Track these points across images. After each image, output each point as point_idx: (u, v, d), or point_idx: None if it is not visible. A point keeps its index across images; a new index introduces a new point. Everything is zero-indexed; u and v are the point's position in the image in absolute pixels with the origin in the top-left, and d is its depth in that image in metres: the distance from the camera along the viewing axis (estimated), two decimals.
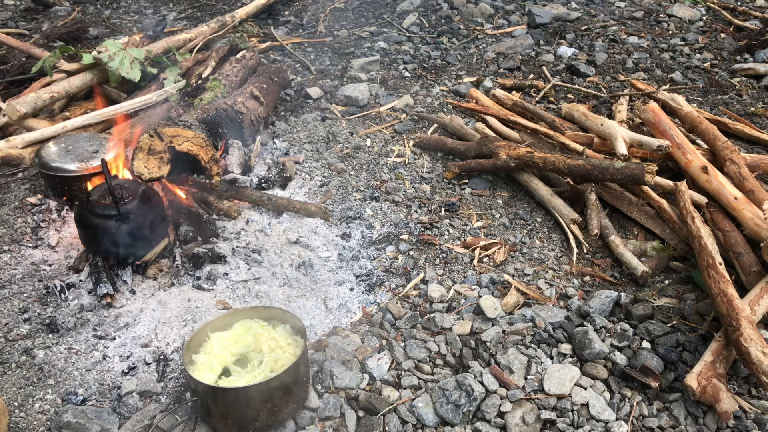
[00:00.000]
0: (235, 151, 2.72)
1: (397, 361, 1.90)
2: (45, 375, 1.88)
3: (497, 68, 4.06)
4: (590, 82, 3.85)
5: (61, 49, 3.44)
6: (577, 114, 3.09)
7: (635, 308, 2.10)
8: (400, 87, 3.82)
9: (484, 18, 4.79)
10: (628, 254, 2.35)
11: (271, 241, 2.44)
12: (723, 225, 2.36)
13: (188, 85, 3.29)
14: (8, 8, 4.98)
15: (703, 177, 2.53)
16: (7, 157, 2.70)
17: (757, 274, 2.14)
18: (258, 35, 4.47)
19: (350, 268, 2.33)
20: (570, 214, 2.57)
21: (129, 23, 4.84)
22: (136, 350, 1.97)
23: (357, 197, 2.73)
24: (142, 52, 3.40)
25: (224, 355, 1.77)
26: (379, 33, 4.58)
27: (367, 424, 1.70)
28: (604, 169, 2.53)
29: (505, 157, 2.75)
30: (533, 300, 2.19)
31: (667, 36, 4.48)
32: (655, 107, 2.88)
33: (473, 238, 2.50)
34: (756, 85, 3.81)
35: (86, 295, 2.17)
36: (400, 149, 3.11)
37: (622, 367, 1.86)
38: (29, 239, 2.44)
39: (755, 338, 1.74)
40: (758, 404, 1.78)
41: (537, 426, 1.68)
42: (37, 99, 3.01)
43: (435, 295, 2.18)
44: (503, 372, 1.82)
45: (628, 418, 1.72)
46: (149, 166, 2.30)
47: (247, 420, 1.63)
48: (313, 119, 3.34)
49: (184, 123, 2.43)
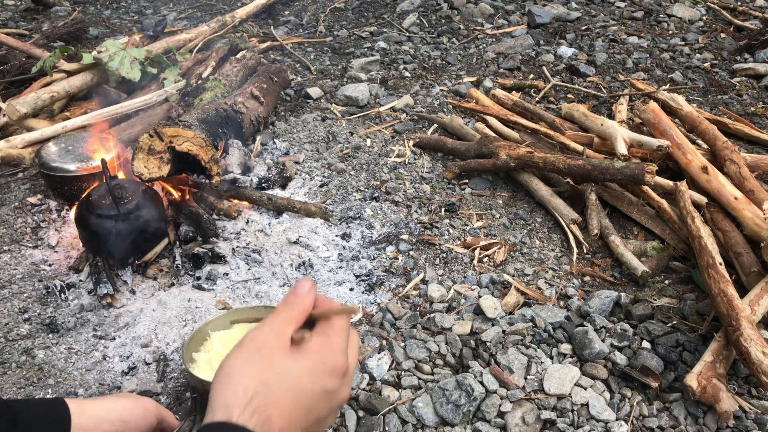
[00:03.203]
0: (235, 151, 2.72)
1: (397, 361, 1.90)
2: (45, 375, 1.88)
3: (497, 68, 4.07)
4: (590, 82, 3.85)
5: (61, 49, 3.44)
6: (577, 114, 3.09)
7: (635, 308, 2.10)
8: (400, 87, 3.82)
9: (484, 18, 4.79)
10: (628, 254, 2.35)
11: (271, 241, 2.44)
12: (723, 225, 2.36)
13: (188, 85, 3.29)
14: (8, 8, 4.98)
15: (703, 177, 2.53)
16: (7, 157, 2.70)
17: (757, 274, 2.14)
18: (258, 35, 4.47)
19: (350, 268, 2.33)
20: (570, 214, 2.57)
21: (129, 23, 4.84)
22: (136, 350, 1.97)
23: (357, 197, 2.73)
24: (142, 52, 3.40)
25: (225, 354, 1.75)
26: (379, 33, 4.58)
27: (367, 424, 1.70)
28: (604, 169, 2.53)
29: (505, 157, 2.75)
30: (533, 300, 2.19)
31: (667, 36, 4.48)
32: (655, 107, 2.88)
33: (473, 238, 2.50)
34: (756, 85, 3.82)
35: (86, 295, 2.17)
36: (400, 149, 3.11)
37: (622, 367, 1.86)
38: (29, 239, 2.44)
39: (755, 338, 1.74)
40: (758, 404, 1.78)
41: (537, 426, 1.68)
42: (37, 99, 3.02)
43: (435, 295, 2.18)
44: (503, 372, 1.82)
45: (628, 418, 1.72)
46: (149, 166, 2.31)
47: None
48: (313, 119, 3.34)
49: (184, 123, 2.43)
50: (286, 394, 0.90)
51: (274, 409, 0.88)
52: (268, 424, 0.87)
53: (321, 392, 0.93)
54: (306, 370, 0.91)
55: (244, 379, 0.90)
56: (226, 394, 0.89)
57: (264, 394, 0.89)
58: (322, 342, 0.92)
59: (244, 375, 0.91)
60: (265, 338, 0.94)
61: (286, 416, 0.89)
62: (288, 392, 0.90)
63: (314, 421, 0.94)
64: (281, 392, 0.90)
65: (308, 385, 0.92)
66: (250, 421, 0.85)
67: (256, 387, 0.89)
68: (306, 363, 0.92)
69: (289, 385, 0.90)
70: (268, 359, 0.91)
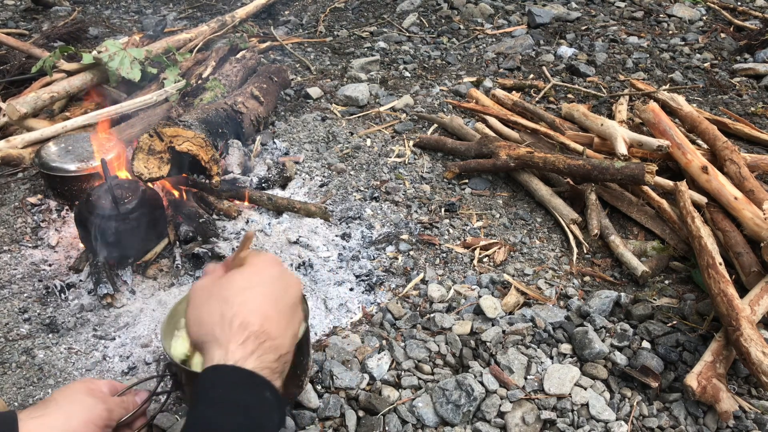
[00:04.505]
0: (235, 151, 2.72)
1: (397, 361, 1.90)
2: (45, 375, 1.88)
3: (497, 68, 4.07)
4: (590, 82, 3.85)
5: (61, 49, 3.44)
6: (577, 114, 3.09)
7: (635, 308, 2.10)
8: (400, 87, 3.82)
9: (484, 18, 4.79)
10: (628, 254, 2.35)
11: (271, 241, 2.44)
12: (723, 225, 2.36)
13: (188, 85, 3.29)
14: (8, 8, 4.98)
15: (703, 177, 2.53)
16: (7, 157, 2.70)
17: (757, 274, 2.14)
18: (258, 35, 4.47)
19: (350, 268, 2.33)
20: (570, 214, 2.57)
21: (129, 23, 4.84)
22: (136, 350, 1.97)
23: (357, 197, 2.73)
24: (142, 52, 3.40)
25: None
26: (379, 33, 4.58)
27: (367, 424, 1.70)
28: (604, 169, 2.53)
29: (505, 157, 2.75)
30: (533, 300, 2.19)
31: (667, 36, 4.48)
32: (655, 107, 2.88)
33: (473, 238, 2.50)
34: (756, 85, 3.82)
35: (86, 295, 2.17)
36: (400, 149, 3.11)
37: (622, 367, 1.86)
38: (29, 239, 2.44)
39: (755, 338, 1.74)
40: (758, 404, 1.78)
41: (537, 426, 1.68)
42: (37, 99, 3.01)
43: (435, 295, 2.18)
44: (503, 372, 1.82)
45: (628, 418, 1.72)
46: (149, 166, 2.31)
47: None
48: (313, 119, 3.34)
49: (184, 123, 2.43)
50: (245, 297, 1.02)
51: (243, 315, 0.99)
52: (247, 329, 0.97)
53: (270, 280, 1.07)
54: (246, 273, 1.06)
55: (205, 306, 1.03)
56: (202, 330, 1.00)
57: (228, 306, 1.00)
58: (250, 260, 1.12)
59: (203, 304, 1.04)
60: (204, 281, 1.10)
61: (257, 313, 1.00)
62: (244, 295, 1.02)
63: (284, 304, 1.05)
64: (238, 299, 1.01)
65: (256, 281, 1.05)
66: (235, 334, 0.96)
67: (218, 306, 1.01)
68: (247, 269, 1.08)
69: (241, 289, 1.03)
70: (212, 286, 1.06)
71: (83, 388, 1.20)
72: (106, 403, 1.19)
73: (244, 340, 0.94)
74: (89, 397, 1.18)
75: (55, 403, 1.13)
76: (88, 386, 1.21)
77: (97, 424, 1.14)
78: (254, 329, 0.96)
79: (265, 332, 0.97)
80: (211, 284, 1.07)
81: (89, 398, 1.17)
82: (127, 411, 1.24)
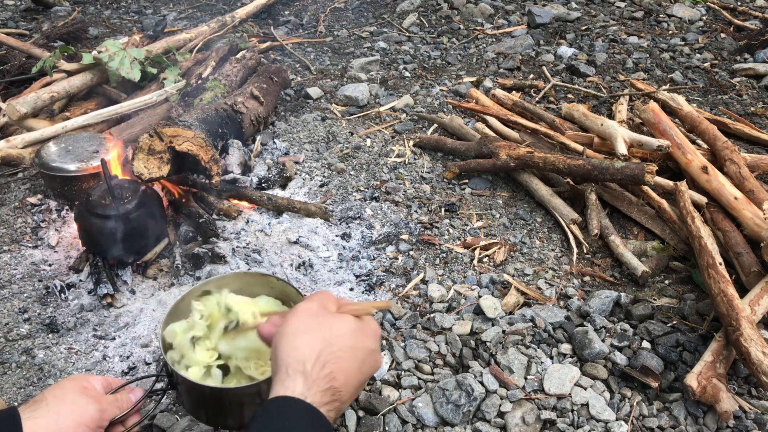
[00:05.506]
0: (235, 151, 2.72)
1: (397, 361, 1.90)
2: (45, 375, 1.88)
3: (497, 68, 4.06)
4: (590, 82, 3.85)
5: (61, 49, 3.44)
6: (577, 114, 3.09)
7: (635, 308, 2.10)
8: (400, 87, 3.82)
9: (484, 18, 4.79)
10: (628, 254, 2.35)
11: (271, 241, 2.44)
12: (723, 225, 2.36)
13: (188, 85, 3.29)
14: (8, 8, 4.98)
15: (703, 177, 2.53)
16: (7, 157, 2.70)
17: (757, 274, 2.14)
18: (258, 35, 4.47)
19: (350, 268, 2.33)
20: (570, 214, 2.57)
21: (129, 23, 4.84)
22: (136, 350, 1.97)
23: (357, 197, 2.73)
24: (142, 52, 3.40)
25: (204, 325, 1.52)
26: (379, 33, 4.58)
27: (367, 424, 1.70)
28: (604, 169, 2.53)
29: (505, 157, 2.75)
30: (533, 300, 2.19)
31: (667, 36, 4.48)
32: (655, 107, 2.88)
33: (473, 238, 2.50)
34: (756, 85, 3.82)
35: (86, 295, 2.17)
36: (400, 149, 3.11)
37: (622, 367, 1.86)
38: (29, 239, 2.44)
39: (755, 338, 1.74)
40: (758, 404, 1.78)
41: (537, 426, 1.68)
42: (37, 99, 3.01)
43: (435, 295, 2.18)
44: (503, 372, 1.82)
45: (628, 418, 1.72)
46: (149, 166, 2.31)
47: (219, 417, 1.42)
48: (313, 119, 3.34)
49: (184, 123, 2.43)
50: (344, 351, 1.03)
51: (335, 365, 1.01)
52: (332, 381, 0.99)
53: (367, 350, 1.07)
54: (355, 329, 1.06)
55: (308, 336, 1.03)
56: (293, 353, 1.01)
57: (328, 350, 1.01)
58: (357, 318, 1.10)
59: (307, 333, 1.03)
60: (315, 307, 1.08)
61: (344, 372, 1.02)
62: (344, 349, 1.03)
63: (363, 378, 1.07)
64: (339, 348, 1.02)
65: (358, 342, 1.06)
66: (321, 379, 0.98)
67: (320, 344, 1.02)
68: (353, 324, 1.07)
69: (345, 341, 1.04)
70: (322, 320, 1.06)
71: (76, 386, 1.16)
72: (99, 402, 1.15)
73: (325, 389, 0.98)
74: (81, 396, 1.14)
75: (45, 404, 1.09)
76: (81, 384, 1.16)
77: (88, 425, 1.10)
78: (336, 385, 1.00)
79: (341, 393, 1.00)
80: (322, 316, 1.07)
81: (81, 398, 1.13)
82: (120, 410, 1.20)
